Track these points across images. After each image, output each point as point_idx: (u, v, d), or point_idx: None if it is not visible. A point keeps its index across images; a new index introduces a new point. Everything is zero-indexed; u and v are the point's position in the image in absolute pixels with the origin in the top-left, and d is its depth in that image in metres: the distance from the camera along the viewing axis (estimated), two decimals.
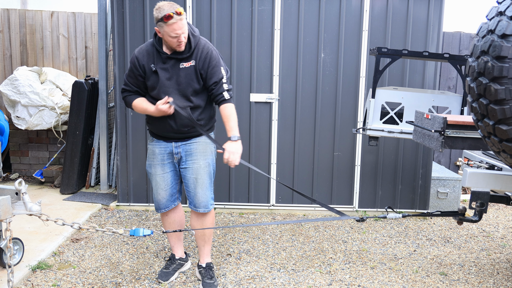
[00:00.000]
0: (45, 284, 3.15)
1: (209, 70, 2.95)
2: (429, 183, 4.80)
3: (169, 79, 2.94)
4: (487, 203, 2.91)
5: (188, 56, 2.93)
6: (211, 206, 3.13)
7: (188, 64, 2.94)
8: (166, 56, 2.93)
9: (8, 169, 5.98)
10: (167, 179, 3.13)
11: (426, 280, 3.39)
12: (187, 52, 2.92)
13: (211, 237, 3.26)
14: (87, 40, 5.82)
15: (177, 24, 2.78)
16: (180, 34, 2.81)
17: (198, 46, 2.95)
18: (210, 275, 3.19)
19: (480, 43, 2.24)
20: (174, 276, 3.29)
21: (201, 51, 2.94)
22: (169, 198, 3.17)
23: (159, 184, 3.14)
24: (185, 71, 2.94)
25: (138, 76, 2.99)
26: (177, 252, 3.38)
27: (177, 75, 2.94)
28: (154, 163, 3.13)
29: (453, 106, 3.84)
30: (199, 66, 2.94)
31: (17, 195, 2.69)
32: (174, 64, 2.94)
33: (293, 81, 4.61)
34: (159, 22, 2.78)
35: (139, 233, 2.74)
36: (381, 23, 4.56)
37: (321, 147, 4.71)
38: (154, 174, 3.14)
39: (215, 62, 2.96)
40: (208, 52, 2.96)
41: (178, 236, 3.36)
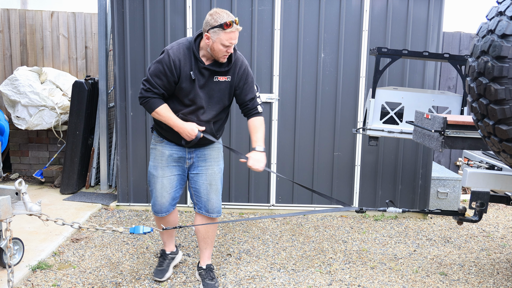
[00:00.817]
0: (45, 284, 3.15)
1: (245, 87, 2.93)
2: (429, 183, 4.80)
3: (202, 89, 2.84)
4: (487, 203, 2.91)
5: (226, 71, 2.86)
6: (221, 210, 3.15)
7: (223, 78, 2.86)
8: (203, 66, 2.80)
9: (8, 169, 5.98)
10: (173, 181, 3.07)
11: (426, 280, 3.39)
12: (226, 66, 2.84)
13: (213, 240, 3.25)
14: (87, 40, 5.82)
15: (235, 34, 2.70)
16: (233, 44, 2.73)
17: (236, 62, 2.89)
18: (211, 276, 3.19)
19: (480, 43, 2.24)
20: (169, 272, 3.28)
21: (239, 67, 2.89)
22: (171, 201, 3.11)
23: (165, 187, 3.05)
24: (219, 85, 2.87)
25: (171, 79, 2.80)
26: (168, 247, 3.37)
27: (210, 88, 2.86)
28: (162, 165, 3.03)
29: (453, 106, 3.85)
30: (235, 82, 2.91)
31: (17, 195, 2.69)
32: (209, 76, 2.84)
33: (293, 81, 4.61)
34: (215, 28, 2.65)
35: (139, 231, 2.74)
36: (381, 23, 4.56)
37: (321, 147, 4.71)
38: (161, 177, 3.03)
39: (251, 79, 2.97)
40: (246, 69, 2.93)
41: (171, 232, 3.35)
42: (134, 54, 4.54)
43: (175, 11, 4.50)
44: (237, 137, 4.66)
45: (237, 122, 4.63)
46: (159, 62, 2.81)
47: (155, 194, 3.09)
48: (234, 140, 4.66)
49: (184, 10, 4.50)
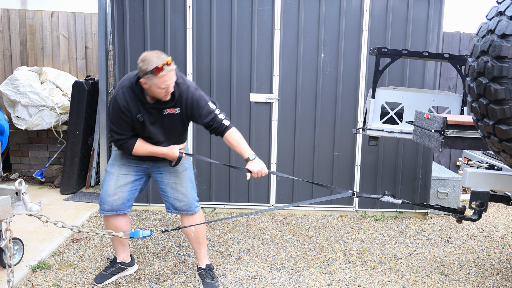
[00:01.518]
0: (45, 284, 3.15)
1: (199, 112, 2.89)
2: (429, 183, 4.80)
3: (154, 125, 2.87)
4: (487, 203, 2.91)
5: (173, 105, 2.86)
6: (195, 208, 3.11)
7: (172, 110, 2.86)
8: (149, 106, 2.82)
9: (8, 169, 5.98)
10: (128, 181, 3.04)
11: (426, 280, 3.39)
12: (171, 102, 2.84)
13: (205, 239, 3.23)
14: (87, 40, 5.82)
15: (168, 76, 2.67)
16: (169, 85, 2.71)
17: (181, 93, 2.84)
18: (211, 275, 3.19)
19: (480, 43, 2.24)
20: (110, 279, 3.20)
21: (185, 98, 2.85)
22: (125, 202, 3.06)
23: (119, 183, 3.02)
24: (170, 117, 2.88)
25: (129, 121, 2.85)
26: (120, 256, 3.27)
27: (161, 121, 2.88)
28: (121, 163, 3.04)
29: (453, 106, 3.85)
30: (186, 113, 2.90)
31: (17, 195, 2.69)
32: (158, 112, 2.86)
33: (293, 81, 4.61)
34: (148, 74, 2.64)
35: (139, 235, 2.74)
36: (381, 23, 4.56)
37: (321, 147, 4.71)
38: (117, 174, 3.02)
39: (202, 102, 2.89)
40: (193, 96, 2.87)
41: (122, 241, 3.25)
42: (134, 54, 4.54)
43: (175, 11, 4.50)
44: None
45: (237, 122, 4.64)
46: (113, 110, 2.85)
47: (107, 191, 3.03)
48: None
49: (184, 10, 4.50)
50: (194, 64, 4.56)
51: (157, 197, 4.74)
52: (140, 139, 2.93)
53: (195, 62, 4.57)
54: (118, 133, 2.88)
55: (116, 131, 2.88)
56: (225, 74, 4.59)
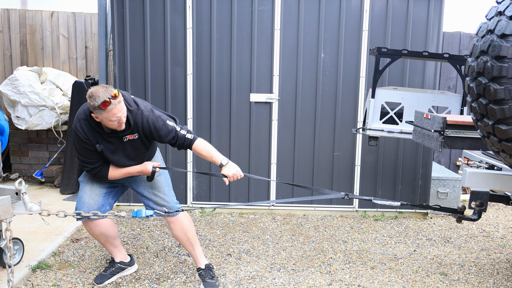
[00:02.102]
0: (45, 284, 3.15)
1: (159, 133, 2.90)
2: (429, 183, 4.80)
3: (115, 152, 2.90)
4: (486, 203, 2.91)
5: (130, 132, 2.87)
6: (177, 209, 3.11)
7: (131, 136, 2.89)
8: (108, 135, 2.85)
9: (8, 169, 5.99)
10: (103, 186, 3.07)
11: (426, 280, 3.39)
12: (129, 129, 2.86)
13: (197, 239, 3.23)
14: (87, 40, 5.82)
15: (116, 108, 2.68)
16: (120, 117, 2.73)
17: (136, 121, 2.85)
18: (211, 275, 3.19)
19: (479, 43, 2.24)
20: (110, 279, 3.21)
21: (140, 123, 2.86)
22: (100, 207, 3.04)
23: (94, 188, 3.04)
24: (130, 143, 2.90)
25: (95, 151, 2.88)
26: (116, 257, 3.28)
27: (123, 148, 2.90)
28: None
29: (453, 106, 3.85)
30: (146, 136, 2.91)
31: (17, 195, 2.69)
32: (118, 140, 2.88)
33: (293, 81, 4.61)
34: (96, 109, 2.65)
35: (142, 214, 2.76)
36: (381, 23, 4.56)
37: (321, 147, 4.71)
38: (91, 180, 3.05)
39: (159, 124, 2.89)
40: (148, 120, 2.87)
41: (112, 243, 3.23)
42: (134, 54, 4.55)
43: (175, 11, 4.50)
44: (236, 137, 4.67)
45: (237, 122, 4.64)
46: (77, 142, 2.89)
47: (83, 197, 3.02)
48: (233, 141, 4.66)
49: (184, 10, 4.50)
50: (194, 64, 4.57)
51: None
52: (112, 166, 2.97)
53: (195, 62, 4.57)
54: (90, 163, 2.92)
55: (87, 161, 2.92)
56: (225, 74, 4.59)
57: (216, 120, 4.62)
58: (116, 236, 3.23)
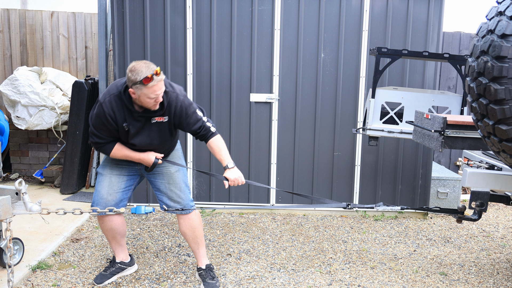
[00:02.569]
0: (45, 284, 3.15)
1: (188, 120, 2.90)
2: (429, 183, 4.80)
3: (140, 134, 2.87)
4: (486, 203, 2.91)
5: (161, 114, 2.85)
6: (191, 204, 3.12)
7: (161, 119, 2.86)
8: (138, 114, 2.82)
9: (8, 169, 5.98)
10: (122, 181, 3.05)
11: (426, 280, 3.39)
12: (160, 110, 2.83)
13: (203, 239, 3.24)
14: (87, 40, 5.82)
15: (157, 86, 2.66)
16: (159, 95, 2.71)
17: (170, 102, 2.84)
18: (211, 275, 3.19)
19: (480, 43, 2.24)
20: (110, 279, 3.20)
21: (174, 106, 2.85)
22: (118, 202, 3.04)
23: (113, 184, 3.02)
24: (157, 126, 2.88)
25: (112, 128, 2.84)
26: (118, 256, 3.27)
27: (150, 129, 2.87)
28: (112, 164, 3.05)
29: (453, 106, 3.84)
30: (174, 121, 2.89)
31: (17, 195, 2.69)
32: (146, 120, 2.85)
33: (293, 81, 4.61)
34: (137, 84, 2.62)
35: (141, 211, 2.76)
36: (381, 23, 4.56)
37: (321, 147, 4.71)
38: (110, 174, 3.03)
39: (191, 111, 2.89)
40: (181, 105, 2.86)
41: (119, 241, 3.23)
42: (134, 54, 4.54)
43: (175, 11, 4.50)
44: (237, 137, 4.67)
45: (237, 122, 4.64)
46: (97, 116, 2.83)
47: (101, 192, 3.01)
48: (233, 141, 4.66)
49: (184, 10, 4.50)
50: (194, 64, 4.56)
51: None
52: (119, 143, 2.93)
53: (195, 62, 4.57)
54: (98, 137, 2.89)
55: (97, 135, 2.88)
56: (225, 74, 4.59)
57: (216, 120, 4.62)
58: (123, 234, 3.23)
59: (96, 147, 2.96)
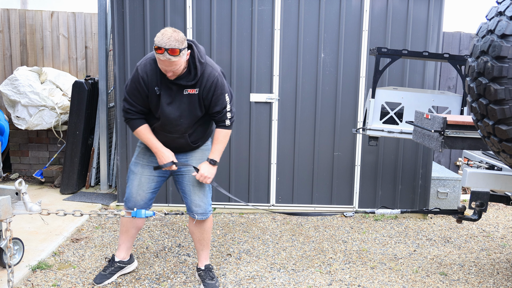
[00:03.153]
0: (45, 284, 3.15)
1: (213, 99, 2.86)
2: (429, 183, 4.80)
3: (171, 104, 2.83)
4: (486, 203, 2.92)
5: (193, 84, 2.81)
6: (210, 212, 3.11)
7: (192, 91, 2.82)
8: (170, 81, 2.78)
9: (8, 169, 5.98)
10: (151, 181, 3.07)
11: (426, 280, 3.39)
12: (192, 80, 2.80)
13: (209, 242, 3.25)
14: (87, 40, 5.82)
15: (164, 63, 2.63)
16: (166, 70, 2.68)
17: (204, 74, 2.81)
18: (211, 275, 3.19)
19: (479, 43, 2.24)
20: (110, 279, 3.20)
21: (206, 79, 2.81)
22: (146, 201, 3.09)
23: (142, 185, 3.05)
24: (189, 98, 2.83)
25: (143, 94, 2.83)
26: (119, 254, 3.27)
27: (180, 101, 2.83)
28: (143, 163, 3.06)
29: (453, 106, 3.85)
30: (203, 95, 2.84)
31: (17, 195, 2.69)
32: (178, 89, 2.81)
33: (293, 81, 4.61)
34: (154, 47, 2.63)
35: (141, 215, 2.77)
36: (381, 23, 4.56)
37: (321, 147, 4.71)
38: (140, 174, 3.05)
39: (220, 91, 2.86)
40: (214, 81, 2.83)
41: (128, 237, 3.25)
42: (134, 54, 4.54)
43: (175, 11, 4.50)
44: (237, 137, 4.67)
45: (237, 122, 4.64)
46: (131, 80, 2.85)
47: (131, 190, 3.07)
48: (233, 141, 4.66)
49: (184, 10, 4.50)
50: None
51: (157, 197, 4.73)
52: (147, 127, 2.93)
53: None
54: (129, 103, 2.87)
55: (129, 100, 2.87)
56: (225, 74, 4.58)
57: None
58: (138, 231, 3.29)
59: (125, 118, 2.93)
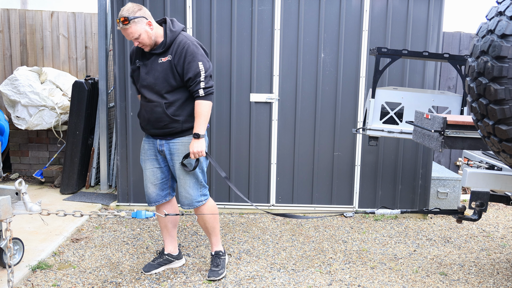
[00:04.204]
0: (45, 284, 3.15)
1: (185, 65, 2.93)
2: (429, 183, 4.80)
3: (148, 73, 3.01)
4: (486, 203, 2.92)
5: (163, 52, 2.97)
6: (197, 204, 3.17)
7: (165, 59, 2.96)
8: (148, 53, 3.01)
9: (8, 169, 5.98)
10: (156, 174, 3.21)
11: (426, 280, 3.39)
12: (161, 48, 2.97)
13: (215, 229, 3.33)
14: (87, 40, 5.82)
15: (125, 32, 2.88)
16: (132, 39, 2.90)
17: (175, 41, 2.96)
18: (217, 262, 3.32)
19: (480, 43, 2.24)
20: (157, 269, 3.35)
21: (177, 45, 2.95)
22: (159, 192, 3.24)
23: (148, 178, 3.22)
24: (162, 66, 2.97)
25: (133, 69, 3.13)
26: (167, 248, 3.42)
27: (155, 69, 2.98)
28: (144, 157, 3.23)
29: (453, 106, 3.85)
30: (174, 61, 2.95)
31: (17, 195, 2.69)
32: (153, 60, 2.99)
33: (293, 81, 4.61)
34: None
35: (141, 215, 2.78)
36: (381, 23, 4.56)
37: (321, 147, 4.71)
38: (144, 168, 3.24)
39: (191, 57, 2.92)
40: (185, 47, 2.93)
41: (170, 231, 3.40)
42: None
43: (175, 11, 4.49)
44: (237, 137, 4.67)
45: (237, 122, 4.64)
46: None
47: (144, 186, 3.29)
48: (233, 141, 4.66)
49: (184, 10, 4.49)
50: None
51: None
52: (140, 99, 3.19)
53: None
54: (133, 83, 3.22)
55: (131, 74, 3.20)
56: (225, 74, 4.59)
57: (216, 120, 4.62)
58: (175, 225, 3.40)
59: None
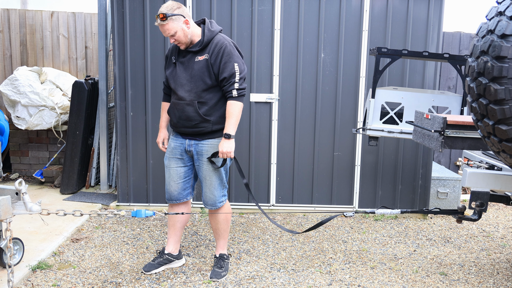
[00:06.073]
0: (45, 284, 3.15)
1: (221, 65, 2.98)
2: (429, 183, 4.80)
3: (183, 71, 3.05)
4: (486, 203, 2.92)
5: (200, 50, 3.01)
6: (219, 204, 3.25)
7: (202, 57, 3.00)
8: (184, 51, 3.06)
9: (8, 169, 5.98)
10: (180, 173, 3.24)
11: (426, 280, 3.39)
12: (197, 46, 3.01)
13: (225, 232, 3.38)
14: (87, 40, 5.82)
15: (162, 28, 2.97)
16: (168, 36, 2.97)
17: (213, 41, 3.00)
18: (220, 264, 3.35)
19: (480, 43, 2.24)
20: (157, 269, 3.36)
21: (214, 45, 2.99)
22: (181, 191, 3.28)
23: (172, 176, 3.25)
24: (198, 64, 3.01)
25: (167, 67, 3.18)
26: (168, 247, 3.43)
27: (192, 68, 3.02)
28: (170, 156, 3.25)
29: (453, 106, 3.85)
30: (211, 60, 2.99)
31: (17, 195, 2.69)
32: (190, 58, 3.03)
33: (293, 81, 4.61)
34: None
35: (141, 214, 2.79)
36: (381, 23, 4.56)
37: (321, 147, 4.71)
38: (168, 167, 3.26)
39: (228, 57, 2.97)
40: (223, 47, 2.98)
41: (176, 231, 3.43)
42: (134, 54, 4.54)
43: None
44: (237, 137, 4.66)
45: None
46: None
47: (166, 182, 3.31)
48: None
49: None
50: None
51: (157, 197, 4.74)
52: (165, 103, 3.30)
53: None
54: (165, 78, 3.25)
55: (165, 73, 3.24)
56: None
57: None
58: (183, 226, 3.44)
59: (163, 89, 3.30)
